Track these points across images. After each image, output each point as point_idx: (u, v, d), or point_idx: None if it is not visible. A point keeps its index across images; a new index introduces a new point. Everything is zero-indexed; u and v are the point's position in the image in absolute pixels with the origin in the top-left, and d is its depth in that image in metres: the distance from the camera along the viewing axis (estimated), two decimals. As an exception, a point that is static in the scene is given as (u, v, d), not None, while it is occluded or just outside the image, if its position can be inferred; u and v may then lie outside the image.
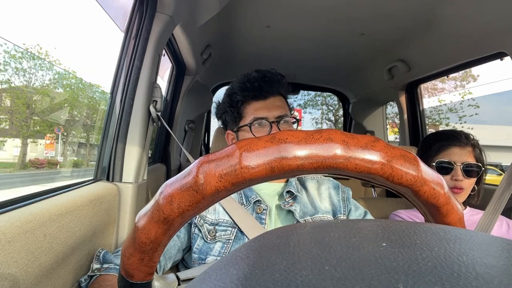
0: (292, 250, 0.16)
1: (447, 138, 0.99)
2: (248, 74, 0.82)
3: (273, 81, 0.80)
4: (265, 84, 0.79)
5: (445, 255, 0.14)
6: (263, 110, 0.78)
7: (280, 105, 0.80)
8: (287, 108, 0.82)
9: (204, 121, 2.22)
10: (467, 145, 0.96)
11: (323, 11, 1.27)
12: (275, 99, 0.80)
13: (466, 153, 0.95)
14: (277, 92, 0.81)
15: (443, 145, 0.98)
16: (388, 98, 2.15)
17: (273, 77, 0.81)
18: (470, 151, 0.96)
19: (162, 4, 0.93)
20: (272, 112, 0.78)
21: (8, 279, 0.41)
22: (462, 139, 0.97)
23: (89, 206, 0.64)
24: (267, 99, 0.79)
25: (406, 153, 0.24)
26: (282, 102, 0.81)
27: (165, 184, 0.24)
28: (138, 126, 0.88)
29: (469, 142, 0.97)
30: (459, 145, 0.96)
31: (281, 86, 0.81)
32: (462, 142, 0.96)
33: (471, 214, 0.99)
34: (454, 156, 0.95)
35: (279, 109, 0.79)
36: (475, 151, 0.97)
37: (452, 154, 0.96)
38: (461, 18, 1.17)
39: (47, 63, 3.61)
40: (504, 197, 0.58)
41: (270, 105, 0.79)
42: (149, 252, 0.25)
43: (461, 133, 0.99)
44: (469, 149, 0.96)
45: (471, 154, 0.96)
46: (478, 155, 0.97)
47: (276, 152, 0.22)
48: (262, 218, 0.72)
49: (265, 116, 0.78)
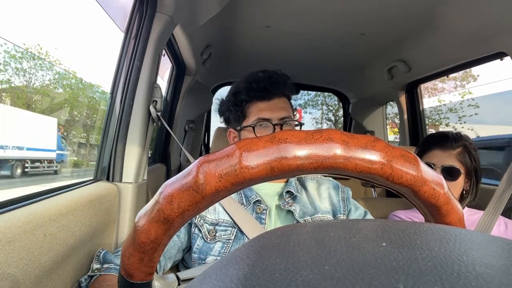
0: (292, 250, 0.16)
1: (432, 141, 1.02)
2: (254, 74, 0.81)
3: (278, 82, 0.80)
4: (271, 85, 0.79)
5: (445, 255, 0.14)
6: (267, 111, 0.78)
7: (284, 106, 0.79)
8: (291, 110, 0.82)
9: (204, 121, 2.22)
10: (451, 148, 0.97)
11: (323, 11, 1.27)
12: (279, 100, 0.80)
13: (448, 156, 0.96)
14: (282, 93, 0.80)
15: (426, 147, 1.02)
16: (388, 98, 2.15)
17: (278, 78, 0.80)
18: (453, 154, 0.96)
19: (162, 4, 0.93)
20: (276, 113, 0.78)
21: (8, 279, 0.41)
22: (446, 142, 0.98)
23: (89, 206, 0.64)
24: (271, 100, 0.79)
25: (406, 153, 0.24)
26: (286, 103, 0.81)
27: (165, 184, 0.24)
28: (138, 126, 0.88)
29: (456, 145, 0.97)
30: (440, 148, 0.98)
31: (286, 87, 0.81)
32: (446, 145, 0.97)
33: (469, 214, 0.99)
34: (434, 158, 0.97)
35: (283, 111, 0.78)
36: (462, 154, 0.96)
37: (433, 156, 0.98)
38: (461, 18, 1.17)
39: (47, 63, 3.60)
40: (504, 197, 0.58)
41: (274, 107, 0.79)
42: (149, 252, 0.25)
43: (450, 135, 0.99)
44: (452, 152, 0.96)
45: (454, 157, 0.96)
46: (465, 158, 0.96)
47: (276, 152, 0.22)
48: (262, 218, 0.72)
49: (268, 118, 0.77)
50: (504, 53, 1.17)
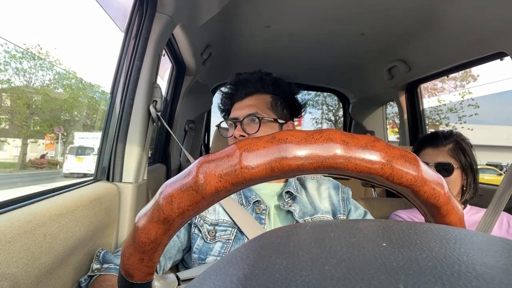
0: (292, 250, 0.16)
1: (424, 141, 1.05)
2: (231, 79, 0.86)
3: (248, 81, 0.81)
4: (240, 85, 0.81)
5: (445, 255, 0.14)
6: (236, 111, 0.81)
7: (253, 104, 0.79)
8: (265, 106, 0.80)
9: (204, 121, 2.22)
10: (442, 145, 0.99)
11: (323, 11, 1.27)
12: (251, 98, 0.81)
13: (440, 153, 0.99)
14: (255, 91, 0.81)
15: (419, 147, 1.04)
16: (388, 98, 2.15)
17: (249, 78, 0.82)
18: (445, 150, 0.99)
19: (162, 4, 0.93)
20: (242, 111, 0.79)
21: (8, 279, 0.41)
22: (437, 140, 1.01)
23: (89, 206, 0.64)
24: (243, 100, 0.81)
25: (406, 153, 0.24)
26: (258, 100, 0.80)
27: (165, 184, 0.24)
28: (138, 126, 0.88)
29: (447, 141, 0.99)
30: (432, 146, 1.01)
31: (260, 83, 0.81)
32: (437, 143, 1.00)
33: (472, 213, 0.99)
34: (427, 157, 1.00)
35: (250, 108, 0.79)
36: (454, 149, 0.98)
37: (425, 155, 1.01)
38: (461, 18, 1.17)
39: (48, 63, 3.61)
40: (504, 197, 0.58)
41: (243, 105, 0.80)
42: (149, 252, 0.25)
43: (440, 134, 1.03)
44: (444, 148, 0.99)
45: (446, 153, 0.98)
46: (458, 153, 0.98)
47: (276, 152, 0.22)
48: (261, 218, 0.72)
49: (235, 117, 0.79)
50: (504, 53, 1.17)
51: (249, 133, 0.77)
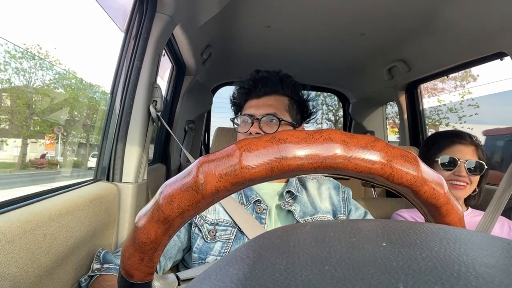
0: (292, 250, 0.16)
1: (451, 135, 1.01)
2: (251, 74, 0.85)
3: (269, 80, 0.81)
4: (260, 83, 0.80)
5: (445, 255, 0.14)
6: (252, 108, 0.80)
7: (272, 104, 0.79)
8: (283, 108, 0.80)
9: (204, 121, 2.22)
10: (470, 144, 0.98)
11: (323, 11, 1.27)
12: (269, 98, 0.80)
13: (470, 151, 0.97)
14: (274, 91, 0.81)
15: (447, 142, 1.00)
16: (388, 98, 2.15)
17: (269, 77, 0.81)
18: (473, 149, 0.98)
19: (162, 4, 0.93)
20: (260, 110, 0.78)
21: (8, 279, 0.41)
22: (466, 138, 0.99)
23: (89, 206, 0.64)
24: (260, 98, 0.80)
25: (406, 153, 0.24)
26: (278, 101, 0.80)
27: (165, 184, 0.24)
28: (138, 126, 0.88)
29: (472, 141, 0.99)
30: (462, 143, 0.98)
31: (280, 85, 0.81)
32: (466, 140, 0.98)
33: (473, 216, 0.99)
34: (458, 153, 0.97)
35: (268, 108, 0.78)
36: (478, 150, 0.98)
37: (455, 151, 0.98)
38: (461, 18, 1.17)
39: (47, 63, 3.61)
40: (504, 197, 0.58)
41: (261, 104, 0.79)
42: (149, 252, 0.25)
43: (465, 133, 1.02)
44: (472, 147, 0.98)
45: (474, 152, 0.97)
46: (481, 155, 0.98)
47: (276, 152, 0.22)
48: (262, 218, 0.72)
49: (252, 114, 0.79)
50: (504, 53, 1.17)
51: (266, 132, 0.77)
